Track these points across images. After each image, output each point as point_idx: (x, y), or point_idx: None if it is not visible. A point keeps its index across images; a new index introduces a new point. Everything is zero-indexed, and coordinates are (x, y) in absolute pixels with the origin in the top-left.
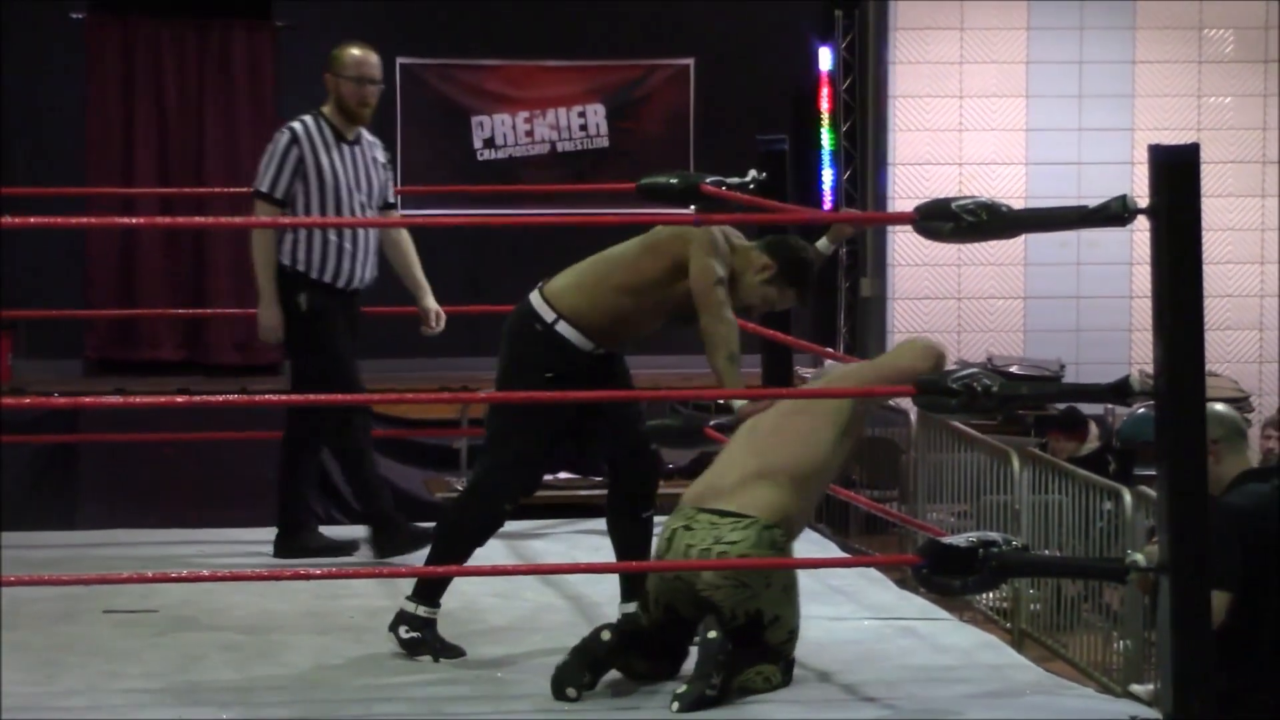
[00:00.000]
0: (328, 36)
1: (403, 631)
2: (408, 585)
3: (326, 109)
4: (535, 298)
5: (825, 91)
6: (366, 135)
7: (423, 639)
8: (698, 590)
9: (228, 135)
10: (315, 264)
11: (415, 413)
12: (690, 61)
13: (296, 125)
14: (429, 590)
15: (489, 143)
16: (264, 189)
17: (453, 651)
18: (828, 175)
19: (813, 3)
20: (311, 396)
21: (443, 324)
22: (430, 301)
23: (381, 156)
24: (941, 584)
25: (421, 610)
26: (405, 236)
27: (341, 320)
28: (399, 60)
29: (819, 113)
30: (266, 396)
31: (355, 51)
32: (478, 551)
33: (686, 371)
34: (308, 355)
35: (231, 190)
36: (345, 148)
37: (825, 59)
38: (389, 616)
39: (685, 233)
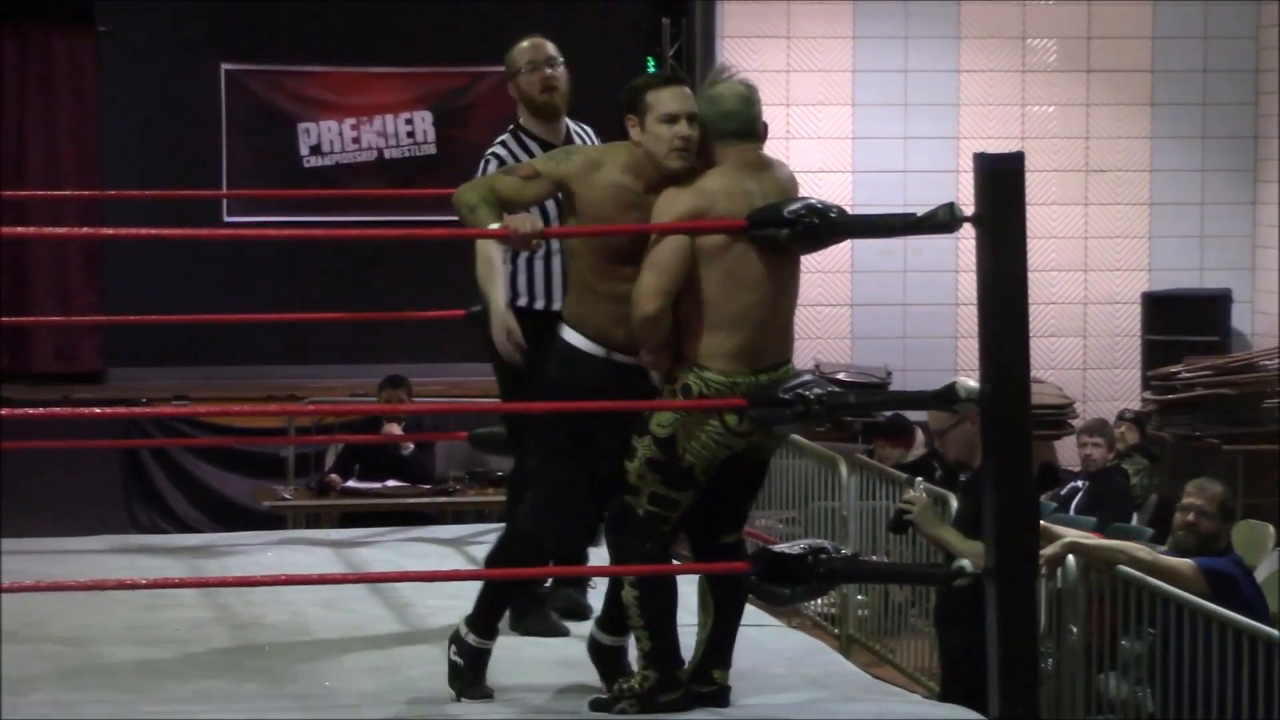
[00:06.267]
0: (150, 42)
1: (451, 652)
2: (228, 595)
3: (521, 119)
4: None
5: None
6: (576, 129)
7: (461, 668)
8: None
9: (49, 141)
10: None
11: (243, 421)
12: None
13: (498, 149)
14: (483, 619)
15: (315, 150)
16: None
17: (481, 693)
18: None
19: (641, 11)
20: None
21: None
22: None
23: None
24: (772, 593)
25: (472, 638)
26: None
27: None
28: (224, 67)
29: None
30: (92, 410)
31: (524, 43)
32: (305, 560)
33: None
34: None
35: (53, 194)
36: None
37: (653, 67)
38: (211, 628)
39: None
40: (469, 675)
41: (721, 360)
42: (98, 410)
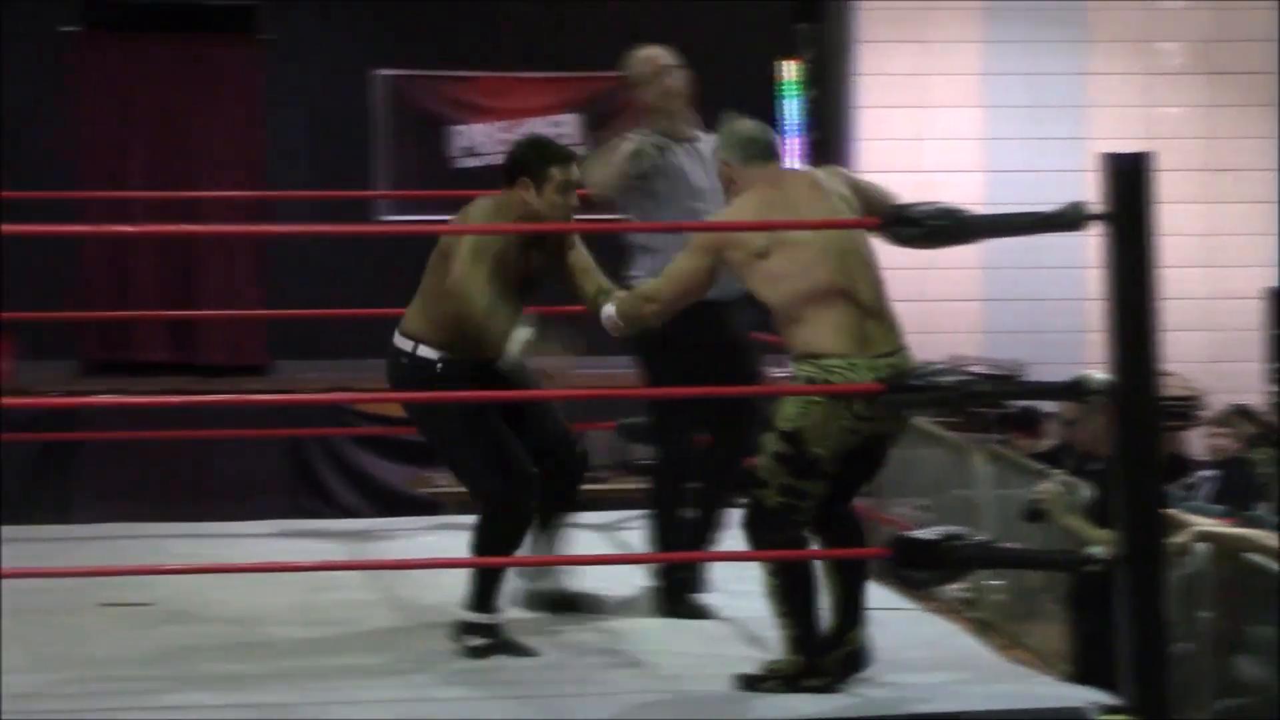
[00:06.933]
0: (311, 50)
1: (470, 641)
2: (388, 578)
3: (647, 123)
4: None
5: (791, 103)
6: (703, 134)
7: (492, 644)
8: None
9: (218, 149)
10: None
11: (398, 410)
12: None
13: (638, 139)
14: (480, 597)
15: (468, 151)
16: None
17: (524, 651)
18: None
19: (777, 17)
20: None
21: None
22: None
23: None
24: (909, 576)
25: (480, 617)
26: None
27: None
28: (379, 72)
29: (784, 123)
30: (259, 396)
31: (640, 53)
32: (459, 545)
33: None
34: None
35: (223, 194)
36: (683, 146)
37: (790, 71)
38: (373, 610)
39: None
40: (501, 648)
41: (823, 344)
42: (263, 397)
